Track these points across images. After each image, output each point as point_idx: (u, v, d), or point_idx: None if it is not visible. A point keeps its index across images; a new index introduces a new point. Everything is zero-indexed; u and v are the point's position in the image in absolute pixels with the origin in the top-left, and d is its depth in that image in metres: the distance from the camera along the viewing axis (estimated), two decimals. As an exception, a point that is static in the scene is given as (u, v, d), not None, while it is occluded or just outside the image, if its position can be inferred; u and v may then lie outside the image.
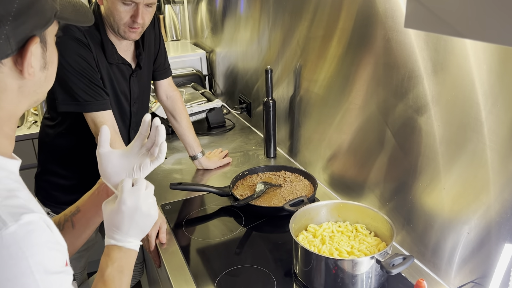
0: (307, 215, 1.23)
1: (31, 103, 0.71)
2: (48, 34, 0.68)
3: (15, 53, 0.62)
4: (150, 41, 1.59)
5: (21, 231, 0.60)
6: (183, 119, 1.74)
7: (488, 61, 0.91)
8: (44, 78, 0.69)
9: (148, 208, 0.84)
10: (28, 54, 0.63)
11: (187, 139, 1.73)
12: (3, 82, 0.64)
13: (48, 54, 0.69)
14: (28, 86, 0.67)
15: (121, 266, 0.81)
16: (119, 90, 1.50)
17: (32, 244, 0.61)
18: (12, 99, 0.66)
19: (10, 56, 0.62)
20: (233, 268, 1.19)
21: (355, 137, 1.40)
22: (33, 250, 0.61)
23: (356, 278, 1.04)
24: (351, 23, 1.31)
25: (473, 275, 1.04)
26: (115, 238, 0.82)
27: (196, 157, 1.74)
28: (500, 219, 0.95)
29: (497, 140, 0.92)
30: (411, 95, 1.13)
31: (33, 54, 0.64)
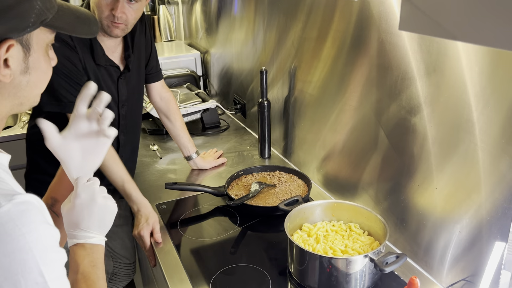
0: (301, 215, 1.25)
1: (13, 106, 0.71)
2: (34, 40, 0.68)
3: None
4: (140, 45, 1.57)
5: (15, 209, 0.61)
6: (178, 119, 1.75)
7: (479, 63, 0.92)
8: (26, 83, 0.69)
9: (105, 200, 0.84)
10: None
11: (182, 140, 1.74)
12: None
13: (32, 59, 0.68)
14: (6, 88, 0.67)
15: (92, 261, 0.80)
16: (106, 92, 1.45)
17: (28, 222, 0.62)
18: None
19: None
20: (228, 267, 1.20)
21: (349, 137, 1.41)
22: (30, 227, 0.61)
23: (350, 277, 1.05)
24: (345, 25, 1.33)
25: (465, 273, 1.06)
26: (76, 237, 0.81)
27: (191, 157, 1.75)
28: (490, 218, 0.97)
29: (488, 141, 0.94)
30: (404, 96, 1.15)
31: (12, 57, 0.65)
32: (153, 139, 2.06)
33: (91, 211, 0.82)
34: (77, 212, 0.81)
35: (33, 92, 0.72)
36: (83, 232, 0.82)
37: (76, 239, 0.82)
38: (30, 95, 0.72)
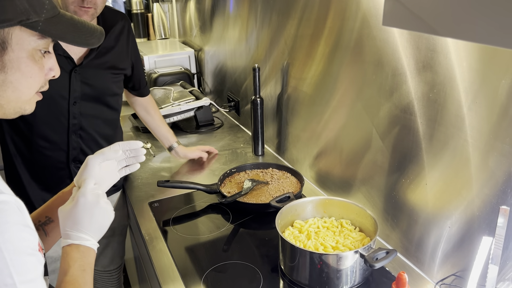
0: (293, 211, 1.25)
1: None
2: (13, 39, 0.66)
3: None
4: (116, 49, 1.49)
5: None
6: (156, 112, 1.76)
7: (468, 58, 0.93)
8: (2, 82, 0.67)
9: (107, 205, 0.84)
10: None
11: (162, 131, 1.76)
12: None
13: (9, 58, 0.66)
14: None
15: (83, 265, 0.79)
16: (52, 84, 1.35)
17: (2, 222, 0.61)
18: None
19: None
20: (220, 264, 1.20)
21: (342, 134, 1.42)
22: (3, 227, 0.61)
23: (341, 272, 1.06)
24: (338, 22, 1.33)
25: (455, 268, 1.06)
26: (72, 237, 0.80)
27: (172, 147, 1.76)
28: (480, 213, 0.97)
29: (477, 137, 0.95)
30: (396, 93, 1.15)
31: None
32: (147, 137, 2.06)
33: (93, 213, 0.82)
34: (79, 212, 0.81)
35: (12, 94, 0.69)
36: (80, 233, 0.81)
37: (71, 239, 0.80)
38: (7, 97, 0.69)
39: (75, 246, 0.80)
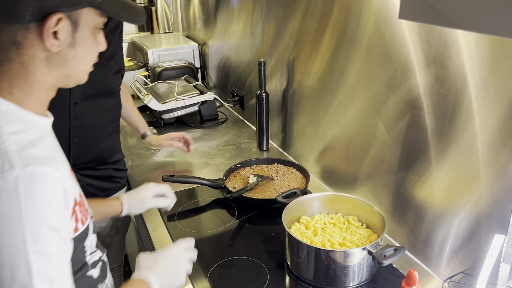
0: (299, 207, 1.24)
1: (60, 78, 0.77)
2: (83, 18, 0.74)
3: (36, 21, 0.69)
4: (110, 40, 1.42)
5: (24, 177, 0.64)
6: (128, 100, 1.70)
7: (480, 53, 0.91)
8: (72, 56, 0.75)
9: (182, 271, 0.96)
10: (48, 24, 0.69)
11: (133, 119, 1.72)
12: (32, 49, 0.71)
13: (79, 35, 0.75)
14: (54, 58, 0.74)
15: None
16: None
17: (32, 191, 0.64)
18: (40, 67, 0.73)
19: (32, 22, 0.69)
20: (226, 260, 1.20)
21: (348, 129, 1.40)
22: (30, 196, 0.64)
23: (348, 269, 1.05)
24: (344, 16, 1.31)
25: (463, 266, 1.05)
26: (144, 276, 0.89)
27: (145, 134, 1.74)
28: (490, 210, 0.96)
29: (488, 133, 0.93)
30: (404, 87, 1.13)
31: (61, 30, 0.71)
32: (151, 131, 2.05)
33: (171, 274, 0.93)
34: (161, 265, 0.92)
35: (78, 67, 0.78)
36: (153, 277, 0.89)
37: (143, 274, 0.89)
38: (75, 69, 0.78)
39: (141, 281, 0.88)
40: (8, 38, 0.70)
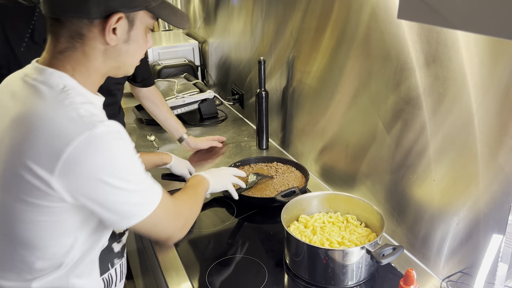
0: (298, 206, 1.24)
1: (113, 68, 0.89)
2: (138, 20, 0.86)
3: (100, 18, 0.80)
4: None
5: (111, 130, 0.77)
6: (164, 103, 1.75)
7: (479, 53, 0.91)
8: (125, 51, 0.87)
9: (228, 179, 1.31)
10: (110, 22, 0.81)
11: (171, 122, 1.75)
12: (93, 41, 0.82)
13: (133, 33, 0.86)
14: (111, 50, 0.85)
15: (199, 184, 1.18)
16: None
17: (120, 143, 0.79)
18: (98, 57, 0.84)
19: (98, 19, 0.80)
20: (225, 258, 1.20)
21: (347, 129, 1.40)
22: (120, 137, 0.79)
23: (347, 268, 1.05)
24: (344, 15, 1.31)
25: (461, 265, 1.06)
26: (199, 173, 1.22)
27: (182, 138, 1.76)
28: (488, 210, 0.96)
29: (487, 132, 0.93)
30: (403, 87, 1.13)
31: (119, 27, 0.83)
32: (150, 129, 2.05)
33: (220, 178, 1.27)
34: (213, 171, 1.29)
35: (129, 60, 0.89)
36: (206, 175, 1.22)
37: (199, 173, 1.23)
38: (126, 61, 0.89)
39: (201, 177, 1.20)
40: (75, 30, 0.81)
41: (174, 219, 0.95)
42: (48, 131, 0.75)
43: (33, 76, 0.83)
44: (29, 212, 0.77)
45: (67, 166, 0.73)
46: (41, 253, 0.82)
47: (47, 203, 0.77)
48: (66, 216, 0.80)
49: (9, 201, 0.78)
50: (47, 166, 0.74)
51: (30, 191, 0.76)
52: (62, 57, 0.83)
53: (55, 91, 0.80)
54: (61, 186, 0.75)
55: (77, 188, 0.76)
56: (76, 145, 0.73)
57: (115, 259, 0.98)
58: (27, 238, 0.80)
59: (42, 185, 0.75)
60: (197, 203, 1.10)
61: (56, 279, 0.85)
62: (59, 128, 0.75)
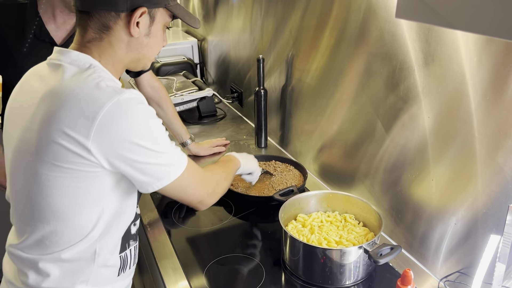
0: (296, 205, 1.24)
1: (133, 60, 0.96)
2: (158, 16, 0.94)
3: (127, 11, 0.88)
4: None
5: (137, 96, 0.84)
6: (170, 107, 1.71)
7: (478, 53, 0.91)
8: (146, 44, 0.94)
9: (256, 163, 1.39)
10: (135, 15, 0.88)
11: (175, 127, 1.72)
12: (119, 32, 0.90)
13: (153, 28, 0.94)
14: (133, 42, 0.93)
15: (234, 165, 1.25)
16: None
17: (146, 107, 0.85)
18: (122, 47, 0.92)
19: (124, 12, 0.88)
20: (222, 257, 1.20)
21: (346, 128, 1.40)
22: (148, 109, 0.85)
23: (344, 268, 1.05)
24: (344, 13, 1.31)
25: (459, 265, 1.05)
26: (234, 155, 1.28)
27: (185, 143, 1.74)
28: (486, 210, 0.96)
29: (485, 132, 0.93)
30: (402, 86, 1.13)
31: (142, 21, 0.90)
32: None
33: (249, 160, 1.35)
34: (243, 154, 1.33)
35: (148, 53, 0.97)
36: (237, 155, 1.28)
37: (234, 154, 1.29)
38: (145, 54, 0.96)
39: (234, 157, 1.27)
40: (103, 22, 0.89)
41: (203, 184, 1.01)
42: (80, 99, 0.81)
43: (59, 58, 0.90)
44: (63, 179, 0.83)
45: (101, 129, 0.79)
46: (71, 223, 0.87)
47: (82, 167, 0.82)
48: (97, 182, 0.85)
49: (44, 170, 0.83)
50: (83, 131, 0.79)
51: (66, 157, 0.81)
52: (90, 45, 0.91)
53: (82, 68, 0.87)
54: (96, 148, 0.80)
55: (111, 150, 0.81)
56: (108, 109, 0.79)
57: (131, 240, 1.02)
58: (59, 207, 0.85)
59: (79, 150, 0.80)
60: (226, 174, 1.16)
61: (83, 250, 0.90)
62: (91, 95, 0.81)
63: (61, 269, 0.90)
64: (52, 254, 0.89)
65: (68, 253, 0.89)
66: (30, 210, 0.87)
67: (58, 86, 0.84)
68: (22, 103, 0.90)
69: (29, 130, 0.85)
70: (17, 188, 0.91)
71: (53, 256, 0.89)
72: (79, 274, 0.92)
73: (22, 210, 0.90)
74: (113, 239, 0.95)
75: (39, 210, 0.86)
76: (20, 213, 0.91)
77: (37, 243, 0.89)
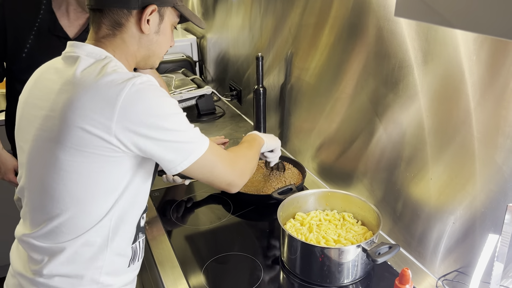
0: (295, 203, 1.24)
1: (144, 57, 1.00)
2: (167, 14, 0.98)
3: (138, 8, 0.93)
4: None
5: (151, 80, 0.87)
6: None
7: (478, 52, 0.91)
8: (156, 41, 0.99)
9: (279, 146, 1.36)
10: (146, 12, 0.93)
11: None
12: (131, 29, 0.95)
13: (162, 26, 0.98)
14: (144, 39, 0.97)
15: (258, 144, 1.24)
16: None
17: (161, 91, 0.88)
18: (134, 44, 0.96)
19: (135, 10, 0.92)
20: (221, 255, 1.20)
21: (345, 126, 1.40)
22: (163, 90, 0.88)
23: (342, 266, 1.05)
24: (343, 11, 1.30)
25: (457, 264, 1.05)
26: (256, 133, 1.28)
27: None
28: (485, 209, 0.96)
29: (484, 132, 0.93)
30: (401, 85, 1.13)
31: (152, 19, 0.95)
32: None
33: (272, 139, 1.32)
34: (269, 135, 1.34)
35: (158, 50, 1.00)
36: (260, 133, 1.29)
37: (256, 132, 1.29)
38: (155, 51, 1.00)
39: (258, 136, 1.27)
40: (115, 19, 0.93)
41: (229, 165, 1.01)
42: (101, 84, 0.84)
43: (74, 50, 0.93)
44: (85, 164, 0.85)
45: (123, 110, 0.82)
46: (89, 208, 0.89)
47: (103, 152, 0.85)
48: (116, 167, 0.88)
49: (66, 156, 0.85)
50: (106, 114, 0.82)
51: (90, 141, 0.83)
52: (104, 40, 0.95)
53: (99, 59, 0.91)
54: (120, 129, 0.83)
55: (135, 129, 0.84)
56: (128, 91, 0.83)
57: (140, 233, 1.04)
58: (78, 192, 0.88)
59: (102, 133, 0.83)
60: (252, 154, 1.17)
61: (98, 236, 0.92)
62: (110, 80, 0.84)
63: (76, 255, 0.92)
64: (68, 242, 0.91)
65: (83, 239, 0.91)
66: (49, 197, 0.89)
67: (78, 74, 0.87)
68: (40, 95, 0.92)
69: (50, 118, 0.87)
70: (35, 178, 0.92)
71: (69, 243, 0.91)
72: (94, 261, 0.93)
73: (39, 199, 0.91)
74: (127, 227, 0.97)
75: (58, 197, 0.88)
76: (37, 203, 0.92)
77: (53, 230, 0.91)
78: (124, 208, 0.94)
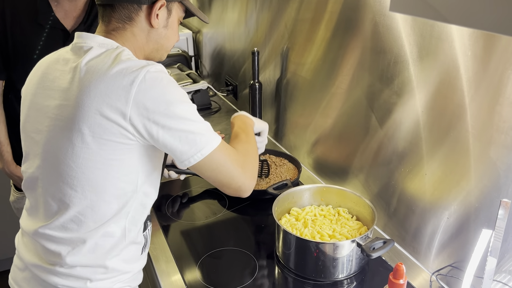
0: (290, 199, 1.24)
1: (152, 51, 1.02)
2: (174, 9, 1.01)
3: (147, 4, 0.95)
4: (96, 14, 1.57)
5: (163, 70, 0.90)
6: None
7: (473, 47, 0.91)
8: (164, 35, 1.01)
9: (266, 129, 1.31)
10: (156, 7, 0.95)
11: None
12: (140, 23, 0.97)
13: (170, 21, 1.01)
14: (153, 33, 0.99)
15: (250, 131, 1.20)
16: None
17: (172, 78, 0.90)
18: (143, 37, 0.99)
19: (145, 5, 0.95)
20: (216, 250, 1.20)
21: (341, 121, 1.40)
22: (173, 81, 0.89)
23: (337, 261, 1.05)
24: (339, 6, 1.30)
25: (451, 259, 1.06)
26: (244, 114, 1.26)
27: None
28: (479, 205, 0.96)
29: (479, 127, 0.93)
30: (397, 80, 1.13)
31: (160, 13, 0.97)
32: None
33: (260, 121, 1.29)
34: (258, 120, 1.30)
35: (166, 43, 1.03)
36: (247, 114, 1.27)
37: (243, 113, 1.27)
38: (164, 45, 1.03)
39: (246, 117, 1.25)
40: (126, 13, 0.95)
41: (239, 167, 0.98)
42: (116, 71, 0.85)
43: (85, 41, 0.94)
44: (101, 151, 0.87)
45: (138, 96, 0.84)
46: (107, 196, 0.91)
47: (118, 139, 0.86)
48: (129, 156, 0.89)
49: (82, 144, 0.86)
50: (122, 99, 0.84)
51: (106, 127, 0.85)
52: (115, 33, 0.96)
53: (111, 49, 0.92)
54: (136, 114, 0.84)
55: (148, 115, 0.85)
56: (142, 77, 0.84)
57: (148, 221, 1.06)
58: (96, 179, 0.89)
59: (118, 118, 0.84)
60: (254, 149, 1.14)
61: (116, 225, 0.94)
62: (126, 67, 0.86)
63: (96, 247, 0.93)
64: (88, 233, 0.92)
65: (102, 231, 0.93)
66: (66, 185, 0.90)
67: (91, 63, 0.89)
68: (51, 86, 0.93)
69: (64, 107, 0.88)
70: (52, 167, 0.92)
71: (89, 234, 0.92)
72: (113, 250, 0.96)
73: (56, 188, 0.92)
74: (141, 216, 1.00)
75: (76, 184, 0.89)
76: (52, 192, 0.92)
77: (72, 220, 0.91)
78: (140, 197, 0.96)
